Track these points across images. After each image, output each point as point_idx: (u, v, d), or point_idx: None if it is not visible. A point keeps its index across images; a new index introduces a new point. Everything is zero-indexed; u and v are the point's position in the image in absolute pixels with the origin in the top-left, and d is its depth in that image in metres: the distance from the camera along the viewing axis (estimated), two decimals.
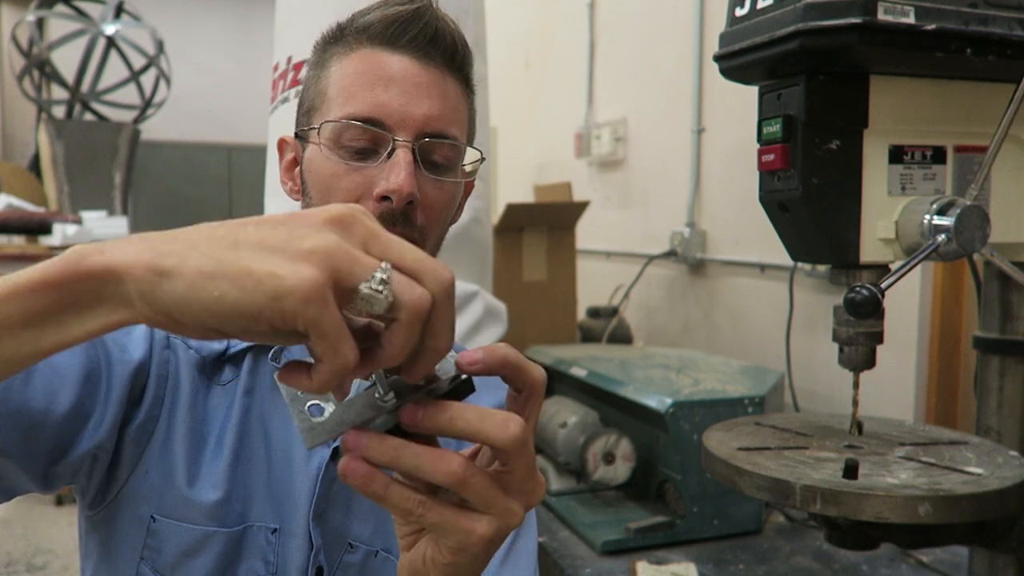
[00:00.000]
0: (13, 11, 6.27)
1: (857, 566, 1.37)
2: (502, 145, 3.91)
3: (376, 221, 0.42)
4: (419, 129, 0.74)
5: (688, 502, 1.47)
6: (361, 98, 0.73)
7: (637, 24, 2.88)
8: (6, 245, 2.84)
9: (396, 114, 0.73)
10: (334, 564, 0.77)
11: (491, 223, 2.04)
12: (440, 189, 0.76)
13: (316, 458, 0.77)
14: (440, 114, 0.75)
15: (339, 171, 0.74)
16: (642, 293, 2.76)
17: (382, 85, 0.73)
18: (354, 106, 0.73)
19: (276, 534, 0.75)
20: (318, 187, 0.76)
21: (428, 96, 0.74)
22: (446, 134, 0.75)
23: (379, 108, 0.73)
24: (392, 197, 0.71)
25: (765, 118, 0.90)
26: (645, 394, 1.53)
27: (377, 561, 0.78)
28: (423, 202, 0.75)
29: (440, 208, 0.77)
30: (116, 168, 4.37)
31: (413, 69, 0.75)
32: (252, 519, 0.75)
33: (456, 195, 0.80)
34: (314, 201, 0.77)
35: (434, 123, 0.74)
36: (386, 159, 0.73)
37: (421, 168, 0.74)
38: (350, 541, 0.78)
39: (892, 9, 0.79)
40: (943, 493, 0.78)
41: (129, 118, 4.68)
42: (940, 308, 1.79)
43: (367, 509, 0.79)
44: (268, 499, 0.76)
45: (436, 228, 0.78)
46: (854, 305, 0.82)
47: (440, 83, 0.76)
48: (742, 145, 2.27)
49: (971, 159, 0.93)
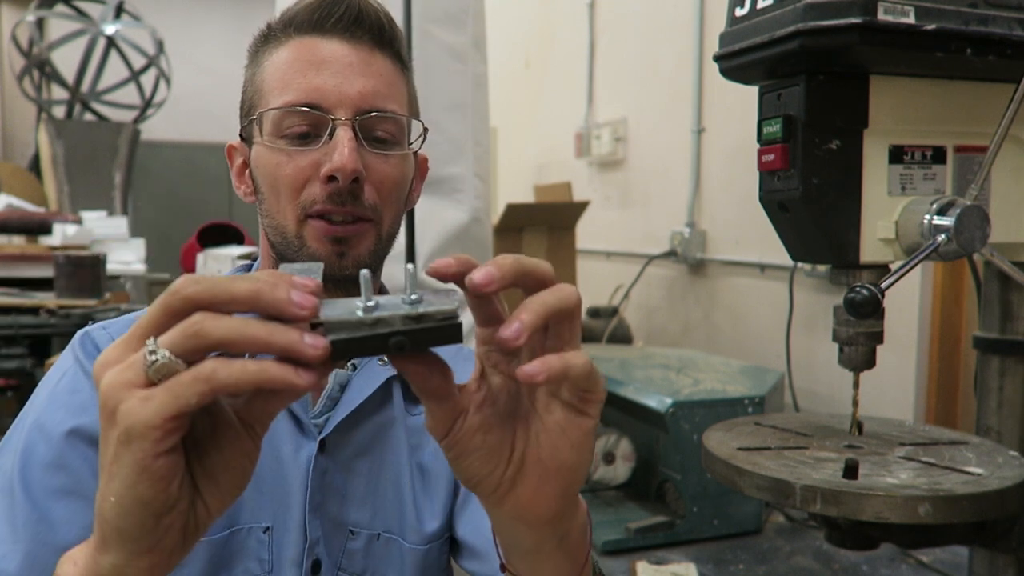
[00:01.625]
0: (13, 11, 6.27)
1: (857, 566, 1.37)
2: (502, 145, 3.91)
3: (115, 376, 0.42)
4: (356, 106, 0.74)
5: (688, 502, 1.47)
6: (296, 85, 0.74)
7: (637, 24, 2.88)
8: (6, 245, 2.84)
9: (332, 95, 0.73)
10: (337, 553, 0.77)
11: (491, 223, 2.04)
12: (387, 164, 0.76)
13: (304, 451, 0.76)
14: (375, 90, 0.75)
15: (282, 160, 0.74)
16: (642, 293, 2.76)
17: (314, 69, 0.74)
18: (290, 94, 0.74)
19: (268, 532, 0.75)
20: (267, 182, 0.76)
21: (361, 74, 0.75)
22: (384, 109, 0.75)
23: (314, 91, 0.73)
24: (338, 176, 0.71)
25: (765, 118, 0.90)
26: (645, 394, 1.53)
27: (379, 544, 0.78)
28: (371, 179, 0.75)
29: (390, 184, 0.76)
30: (116, 168, 4.37)
31: (343, 50, 0.75)
32: (241, 522, 0.74)
33: (406, 171, 0.79)
34: (266, 198, 0.77)
35: (370, 99, 0.74)
36: (328, 140, 0.73)
37: (364, 145, 0.74)
38: (350, 528, 0.78)
39: (892, 9, 0.79)
40: (943, 493, 0.78)
41: (129, 118, 4.68)
42: (940, 308, 1.79)
43: (363, 493, 0.79)
44: (258, 499, 0.75)
45: (389, 206, 0.77)
46: (854, 305, 0.82)
47: (371, 60, 0.76)
48: (742, 145, 2.27)
49: (971, 159, 0.93)
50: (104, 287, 2.63)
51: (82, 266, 2.57)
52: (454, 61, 1.85)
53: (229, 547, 0.73)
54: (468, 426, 0.48)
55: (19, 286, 2.61)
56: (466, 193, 1.86)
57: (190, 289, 0.41)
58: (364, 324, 0.42)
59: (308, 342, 0.40)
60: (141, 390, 0.40)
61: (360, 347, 0.42)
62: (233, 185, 0.84)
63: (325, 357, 0.40)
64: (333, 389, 0.79)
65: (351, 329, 0.42)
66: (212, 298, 0.41)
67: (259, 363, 0.40)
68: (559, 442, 0.48)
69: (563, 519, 0.52)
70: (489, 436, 0.48)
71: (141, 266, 3.16)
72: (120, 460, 0.41)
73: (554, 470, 0.48)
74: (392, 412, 0.82)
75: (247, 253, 2.92)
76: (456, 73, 1.86)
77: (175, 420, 0.40)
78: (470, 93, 1.88)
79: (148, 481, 0.41)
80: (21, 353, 2.44)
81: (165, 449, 0.40)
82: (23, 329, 2.44)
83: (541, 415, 0.49)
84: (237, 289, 0.41)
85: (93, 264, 2.59)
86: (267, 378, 0.40)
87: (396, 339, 0.42)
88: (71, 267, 2.55)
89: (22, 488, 0.66)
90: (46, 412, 0.71)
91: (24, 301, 2.51)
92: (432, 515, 0.81)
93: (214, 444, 0.44)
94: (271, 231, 0.78)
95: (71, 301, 2.53)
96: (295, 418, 0.77)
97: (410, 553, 0.79)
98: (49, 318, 2.46)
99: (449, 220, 1.84)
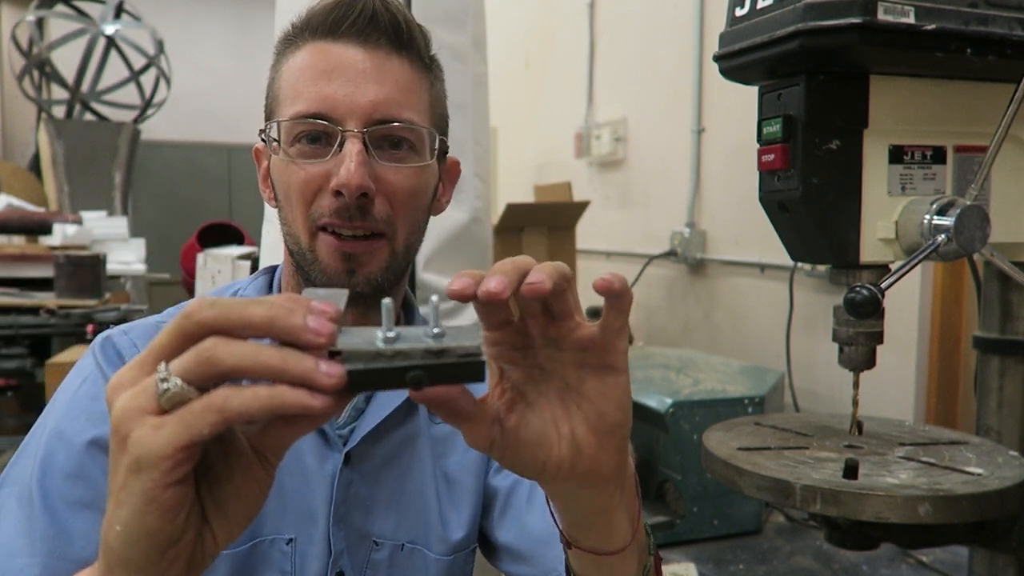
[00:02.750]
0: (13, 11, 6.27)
1: (857, 566, 1.37)
2: (502, 145, 3.91)
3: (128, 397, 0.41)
4: (367, 117, 0.71)
5: (688, 502, 1.47)
6: (307, 94, 0.71)
7: (637, 24, 2.88)
8: (6, 245, 2.84)
9: (342, 105, 0.70)
10: (362, 564, 0.76)
11: (491, 223, 2.04)
12: (401, 175, 0.73)
13: (329, 463, 0.75)
14: (389, 98, 0.72)
15: (294, 170, 0.72)
16: (642, 293, 2.76)
17: (325, 78, 0.71)
18: (301, 104, 0.71)
19: (292, 544, 0.73)
20: (282, 191, 0.74)
21: (375, 81, 0.71)
22: (398, 118, 0.72)
23: (324, 101, 0.71)
24: (343, 191, 0.69)
25: (765, 118, 0.90)
26: (645, 394, 1.53)
27: (403, 554, 0.78)
28: (384, 191, 0.72)
29: (404, 196, 0.73)
30: (116, 168, 4.37)
31: (356, 56, 0.72)
32: (264, 533, 0.73)
33: (423, 181, 0.76)
34: (283, 207, 0.75)
35: (383, 108, 0.71)
36: (337, 152, 0.71)
37: (375, 157, 0.71)
38: (375, 539, 0.77)
39: (892, 9, 0.79)
40: (943, 493, 0.78)
41: (129, 118, 4.68)
42: (940, 308, 1.79)
43: (387, 504, 0.78)
44: (281, 511, 0.73)
45: (404, 218, 0.74)
46: (854, 305, 0.82)
47: (386, 66, 0.72)
48: (742, 145, 2.27)
49: (971, 159, 0.93)
50: (104, 287, 2.64)
51: (82, 266, 2.57)
52: (454, 61, 1.85)
53: (252, 559, 0.72)
54: (507, 431, 0.49)
55: (19, 286, 2.61)
56: (466, 193, 1.86)
57: (204, 313, 0.40)
58: (383, 356, 0.41)
59: (323, 370, 0.39)
60: (153, 417, 0.40)
61: (377, 379, 0.41)
62: (260, 189, 0.82)
63: (341, 387, 0.39)
64: (359, 400, 0.78)
65: (369, 360, 0.41)
66: (226, 323, 0.40)
67: (272, 388, 0.39)
68: (602, 406, 0.49)
69: (623, 468, 0.53)
70: (530, 430, 0.49)
71: (141, 266, 3.17)
72: (129, 488, 0.40)
73: (606, 431, 0.50)
74: (417, 422, 0.81)
75: (247, 253, 2.92)
76: (456, 73, 1.85)
77: (186, 450, 0.39)
78: (470, 93, 1.88)
79: (156, 512, 0.40)
80: (21, 353, 2.44)
81: (175, 480, 0.40)
82: (23, 329, 2.44)
83: (576, 388, 0.49)
84: (252, 314, 0.40)
85: (93, 264, 2.60)
86: (280, 403, 0.39)
87: (414, 373, 0.41)
88: (71, 267, 2.55)
89: (41, 498, 0.65)
90: (66, 419, 0.69)
91: (24, 301, 2.51)
92: (458, 525, 0.80)
93: (226, 473, 0.43)
94: (289, 240, 0.76)
95: (71, 301, 2.53)
96: (320, 429, 0.76)
97: (435, 564, 0.79)
98: (49, 318, 2.46)
99: (449, 220, 1.83)
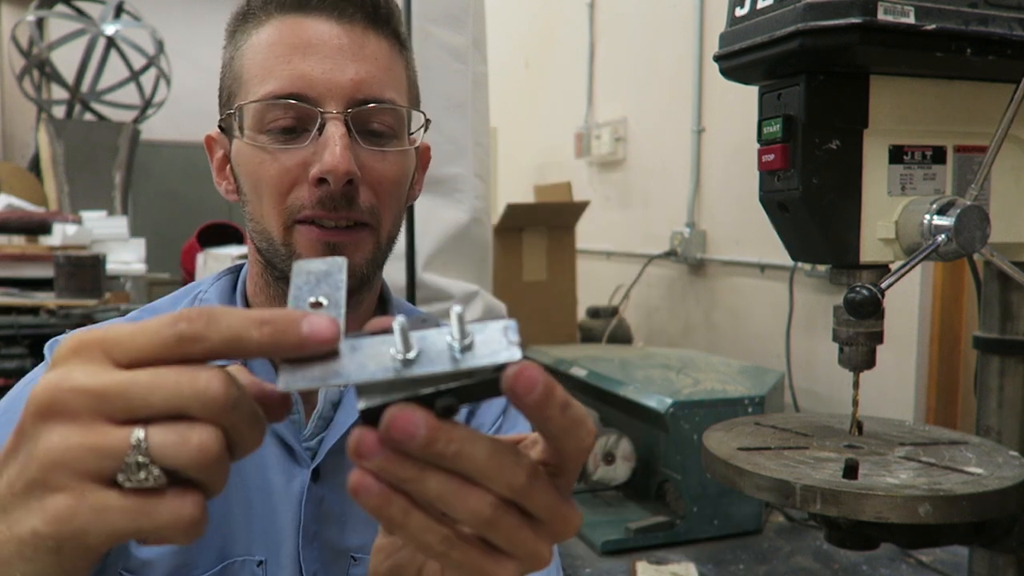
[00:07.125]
0: (13, 11, 6.27)
1: (857, 566, 1.37)
2: (502, 145, 3.91)
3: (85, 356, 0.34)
4: (349, 97, 0.65)
5: (688, 502, 1.47)
6: (279, 72, 0.64)
7: (637, 24, 2.88)
8: (6, 245, 2.84)
9: (320, 84, 0.64)
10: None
11: (491, 223, 2.04)
12: (385, 161, 0.67)
13: (296, 481, 0.70)
14: (370, 77, 0.66)
15: (265, 159, 0.65)
16: (642, 293, 2.76)
17: (299, 54, 0.64)
18: (272, 83, 0.65)
19: (263, 566, 0.69)
20: (249, 183, 0.68)
21: (354, 59, 0.65)
22: (381, 98, 0.66)
23: (300, 80, 0.64)
24: (328, 178, 0.63)
25: (765, 118, 0.90)
26: (645, 394, 1.53)
27: None
28: (367, 179, 0.66)
29: (389, 184, 0.68)
30: (116, 168, 4.37)
31: (332, 31, 0.65)
32: (235, 554, 0.68)
33: (406, 167, 0.71)
34: (249, 200, 0.69)
35: (365, 88, 0.66)
36: (317, 136, 0.64)
37: (358, 141, 0.66)
38: (352, 554, 0.73)
39: (892, 9, 0.79)
40: (943, 493, 0.78)
41: (129, 118, 4.67)
42: (940, 308, 1.79)
43: (364, 517, 0.75)
44: (250, 531, 0.69)
45: (389, 208, 0.69)
46: (854, 305, 0.82)
47: (365, 42, 0.67)
48: (742, 145, 2.27)
49: (971, 159, 0.93)
50: (104, 287, 2.63)
51: (82, 266, 2.57)
52: (454, 61, 1.85)
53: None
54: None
55: (19, 286, 2.61)
56: (466, 193, 1.86)
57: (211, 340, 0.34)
58: (400, 385, 0.35)
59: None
60: (100, 491, 0.32)
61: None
62: (214, 180, 0.75)
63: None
64: (324, 408, 0.72)
65: (385, 392, 0.35)
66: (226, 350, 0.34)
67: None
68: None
69: None
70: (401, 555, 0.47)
71: (141, 266, 3.16)
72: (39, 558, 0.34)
73: None
74: None
75: (246, 253, 2.92)
76: (456, 73, 1.86)
77: (123, 539, 0.33)
78: (470, 93, 1.89)
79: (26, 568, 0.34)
80: (21, 353, 2.44)
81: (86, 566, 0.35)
82: (23, 329, 2.44)
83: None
84: (250, 344, 0.34)
85: (93, 264, 2.60)
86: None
87: (444, 401, 0.35)
88: (71, 267, 2.55)
89: None
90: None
91: (24, 301, 2.51)
92: None
93: None
94: (256, 236, 0.70)
95: (71, 301, 2.53)
96: (285, 444, 0.70)
97: None
98: (49, 318, 2.46)
99: (449, 220, 1.84)
